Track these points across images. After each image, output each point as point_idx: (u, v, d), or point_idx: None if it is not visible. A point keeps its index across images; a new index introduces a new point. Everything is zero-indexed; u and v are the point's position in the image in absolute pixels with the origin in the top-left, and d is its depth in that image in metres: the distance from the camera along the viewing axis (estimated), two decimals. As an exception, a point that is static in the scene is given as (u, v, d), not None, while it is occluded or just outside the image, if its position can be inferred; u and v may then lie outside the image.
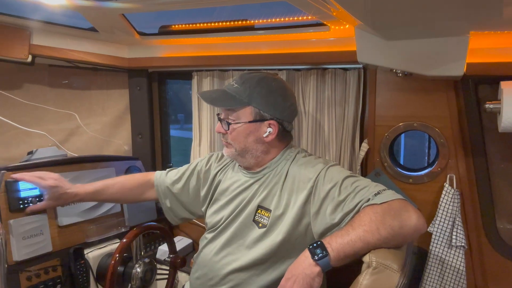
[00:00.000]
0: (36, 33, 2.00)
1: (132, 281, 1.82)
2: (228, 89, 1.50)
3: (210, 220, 1.62)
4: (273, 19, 1.92)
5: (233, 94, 1.47)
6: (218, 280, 1.47)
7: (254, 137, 1.49)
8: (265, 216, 1.44)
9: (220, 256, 1.50)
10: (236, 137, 1.50)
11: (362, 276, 1.08)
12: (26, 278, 1.69)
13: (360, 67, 1.90)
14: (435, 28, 1.38)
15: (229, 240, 1.50)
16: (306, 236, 1.39)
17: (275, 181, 1.48)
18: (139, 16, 2.01)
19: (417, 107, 1.79)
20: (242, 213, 1.50)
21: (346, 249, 1.14)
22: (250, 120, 1.47)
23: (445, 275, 1.73)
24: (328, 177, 1.38)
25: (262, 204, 1.47)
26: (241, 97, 1.46)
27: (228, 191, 1.60)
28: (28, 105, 2.16)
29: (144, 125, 2.53)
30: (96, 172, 2.08)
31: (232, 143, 1.51)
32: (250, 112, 1.46)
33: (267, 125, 1.48)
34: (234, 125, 1.49)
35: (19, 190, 1.73)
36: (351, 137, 1.97)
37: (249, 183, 1.54)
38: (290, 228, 1.37)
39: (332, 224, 1.31)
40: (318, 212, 1.35)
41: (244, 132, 1.48)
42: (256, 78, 1.48)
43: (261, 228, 1.43)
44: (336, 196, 1.32)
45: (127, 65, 2.35)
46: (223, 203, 1.59)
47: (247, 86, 1.46)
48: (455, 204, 1.71)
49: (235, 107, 1.47)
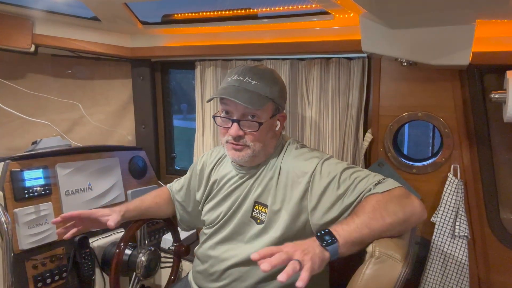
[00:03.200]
0: (39, 23, 2.00)
1: (137, 270, 1.84)
2: (248, 87, 1.37)
3: (208, 217, 1.60)
4: (276, 7, 1.90)
5: (258, 91, 1.37)
6: (219, 275, 1.48)
7: (272, 133, 1.45)
8: (262, 212, 1.43)
9: (219, 251, 1.50)
10: (259, 137, 1.40)
11: (365, 266, 1.09)
12: (32, 267, 1.72)
13: (365, 57, 1.88)
14: (441, 17, 1.36)
15: (228, 236, 1.49)
16: (305, 230, 1.37)
17: (270, 176, 1.44)
18: (142, 5, 2.00)
19: (421, 97, 1.77)
20: (240, 210, 1.48)
21: (353, 235, 1.12)
22: (270, 116, 1.42)
23: (448, 265, 1.74)
24: (325, 171, 1.35)
25: (258, 200, 1.44)
26: (265, 94, 1.38)
27: (223, 187, 1.57)
28: (32, 95, 2.16)
29: (148, 115, 2.53)
30: (100, 162, 2.09)
31: (252, 144, 1.39)
32: (271, 108, 1.42)
33: (278, 117, 1.46)
34: (263, 125, 1.38)
35: (24, 179, 1.75)
36: (355, 127, 1.97)
37: (243, 179, 1.51)
38: (288, 224, 1.36)
39: (331, 219, 1.29)
40: (316, 207, 1.33)
41: (265, 130, 1.41)
42: (268, 72, 1.45)
43: (260, 224, 1.42)
44: (335, 190, 1.30)
45: (130, 54, 2.34)
46: (219, 200, 1.57)
47: (266, 82, 1.40)
48: (459, 194, 1.70)
49: (263, 106, 1.38)
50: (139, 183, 2.32)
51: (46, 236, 1.77)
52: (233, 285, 1.45)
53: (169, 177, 2.61)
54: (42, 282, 1.74)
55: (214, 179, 1.62)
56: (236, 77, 1.41)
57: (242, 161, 1.45)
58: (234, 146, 1.42)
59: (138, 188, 2.29)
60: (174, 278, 1.91)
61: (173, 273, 1.91)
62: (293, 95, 2.06)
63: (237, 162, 1.51)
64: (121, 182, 2.18)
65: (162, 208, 1.79)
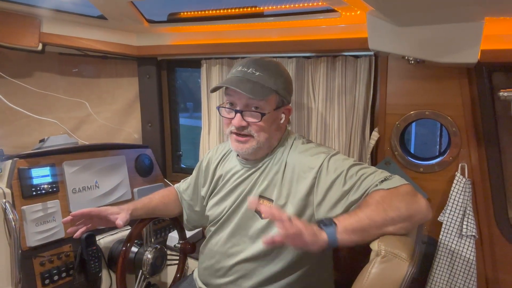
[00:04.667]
0: (46, 22, 2.01)
1: (143, 267, 1.85)
2: (251, 77, 1.38)
3: (212, 212, 1.60)
4: (282, 5, 1.89)
5: (261, 82, 1.38)
6: (225, 271, 1.48)
7: (276, 125, 1.45)
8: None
9: (225, 248, 1.50)
10: (263, 128, 1.40)
11: (371, 265, 1.08)
12: (40, 264, 1.73)
13: (371, 54, 1.87)
14: (449, 14, 1.35)
15: (233, 231, 1.49)
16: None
17: (275, 170, 1.44)
18: (148, 3, 2.00)
19: (429, 95, 1.76)
20: (244, 204, 1.48)
21: (353, 224, 1.13)
22: (274, 108, 1.42)
23: (455, 264, 1.72)
24: (332, 166, 1.34)
25: (263, 194, 1.44)
26: (269, 85, 1.39)
27: (228, 182, 1.57)
28: (39, 93, 2.17)
29: (154, 114, 2.54)
30: (107, 160, 2.10)
31: (256, 135, 1.40)
32: (274, 100, 1.42)
33: (282, 110, 1.46)
34: (267, 116, 1.39)
35: (32, 177, 1.76)
36: (361, 125, 1.95)
37: (248, 173, 1.51)
38: None
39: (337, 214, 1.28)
40: (321, 203, 1.33)
41: (269, 121, 1.41)
42: (273, 63, 1.46)
43: (264, 218, 1.42)
44: (341, 187, 1.30)
45: (136, 53, 2.35)
46: (223, 195, 1.57)
47: (270, 73, 1.40)
48: (467, 193, 1.69)
49: (266, 97, 1.39)
50: (145, 181, 2.34)
51: (53, 233, 1.79)
52: (239, 282, 1.46)
53: (175, 175, 2.62)
54: (49, 279, 1.76)
55: (219, 174, 1.63)
56: (240, 68, 1.43)
57: (246, 153, 1.45)
58: (238, 138, 1.42)
59: (144, 186, 2.30)
60: (180, 276, 1.92)
61: (179, 271, 1.92)
62: (300, 93, 2.05)
63: (241, 155, 1.52)
64: (127, 180, 2.20)
65: (169, 208, 1.79)
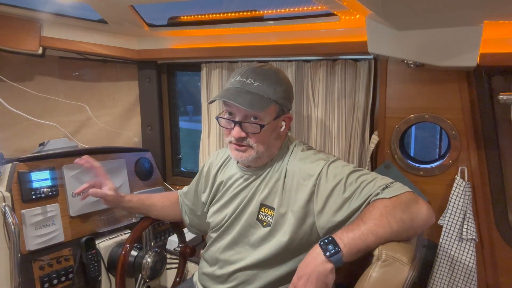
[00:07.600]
0: (47, 25, 2.01)
1: (143, 271, 1.85)
2: (250, 88, 1.36)
3: (213, 219, 1.59)
4: (282, 9, 1.90)
5: (260, 93, 1.36)
6: (226, 278, 1.48)
7: (275, 134, 1.44)
8: (268, 214, 1.41)
9: (226, 255, 1.49)
10: (262, 139, 1.39)
11: (372, 269, 1.08)
12: (39, 267, 1.73)
13: (371, 58, 1.88)
14: (448, 18, 1.35)
15: (234, 239, 1.48)
16: (311, 234, 1.36)
17: (276, 178, 1.43)
18: (148, 7, 2.01)
19: (428, 99, 1.76)
20: (245, 212, 1.47)
21: (358, 243, 1.12)
22: (274, 117, 1.41)
23: (455, 268, 1.72)
24: (331, 173, 1.33)
25: (264, 202, 1.43)
26: (268, 96, 1.36)
27: (229, 190, 1.56)
28: (39, 97, 2.17)
29: (154, 117, 2.54)
30: (107, 163, 2.09)
31: (255, 145, 1.39)
32: (274, 110, 1.40)
33: (283, 118, 1.45)
34: (266, 127, 1.37)
35: (32, 180, 1.76)
36: (361, 129, 1.96)
37: (249, 180, 1.49)
38: (294, 228, 1.34)
39: (338, 222, 1.28)
40: (322, 211, 1.31)
41: (268, 131, 1.40)
42: (272, 71, 1.43)
43: (266, 227, 1.41)
44: (341, 194, 1.28)
45: (136, 56, 2.36)
46: (224, 202, 1.56)
47: (269, 83, 1.38)
48: (466, 197, 1.69)
49: (265, 108, 1.36)
50: (145, 185, 2.33)
51: (53, 237, 1.78)
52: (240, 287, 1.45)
53: (175, 179, 2.62)
54: (48, 283, 1.75)
55: (220, 181, 1.62)
56: (239, 78, 1.40)
57: (245, 161, 1.44)
58: (237, 147, 1.42)
59: (144, 189, 2.30)
60: (179, 280, 1.91)
61: (179, 274, 1.92)
62: (299, 97, 2.06)
63: (240, 163, 1.52)
64: (127, 183, 2.19)
65: (167, 209, 1.79)
